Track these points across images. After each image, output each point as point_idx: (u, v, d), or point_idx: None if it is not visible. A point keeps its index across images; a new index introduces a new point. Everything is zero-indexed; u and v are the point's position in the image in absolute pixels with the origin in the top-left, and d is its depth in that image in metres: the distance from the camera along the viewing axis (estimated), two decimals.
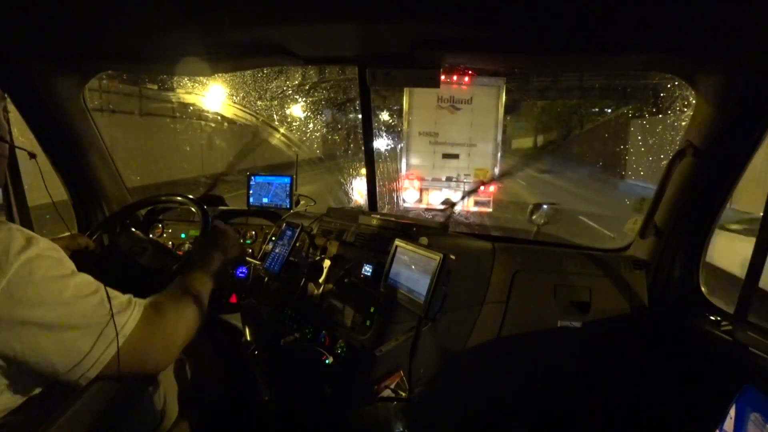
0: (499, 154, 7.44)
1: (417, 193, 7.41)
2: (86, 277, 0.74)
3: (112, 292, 0.76)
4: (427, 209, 7.24)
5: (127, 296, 0.79)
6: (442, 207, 7.13)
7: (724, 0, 0.84)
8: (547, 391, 1.62)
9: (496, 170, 7.40)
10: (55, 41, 1.28)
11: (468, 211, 7.17)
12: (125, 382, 0.85)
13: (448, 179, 7.37)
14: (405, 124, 7.46)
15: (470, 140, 7.33)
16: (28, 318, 0.64)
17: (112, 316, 0.71)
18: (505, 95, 7.20)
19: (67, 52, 1.40)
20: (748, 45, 1.03)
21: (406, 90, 7.31)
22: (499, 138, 7.41)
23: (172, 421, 1.11)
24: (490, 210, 7.35)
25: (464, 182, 7.36)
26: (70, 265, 0.73)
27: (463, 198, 7.23)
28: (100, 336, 0.70)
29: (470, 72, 6.88)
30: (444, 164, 7.41)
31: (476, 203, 7.28)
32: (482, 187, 7.14)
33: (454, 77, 7.00)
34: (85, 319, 0.69)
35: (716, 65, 1.15)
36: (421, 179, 7.42)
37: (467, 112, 7.25)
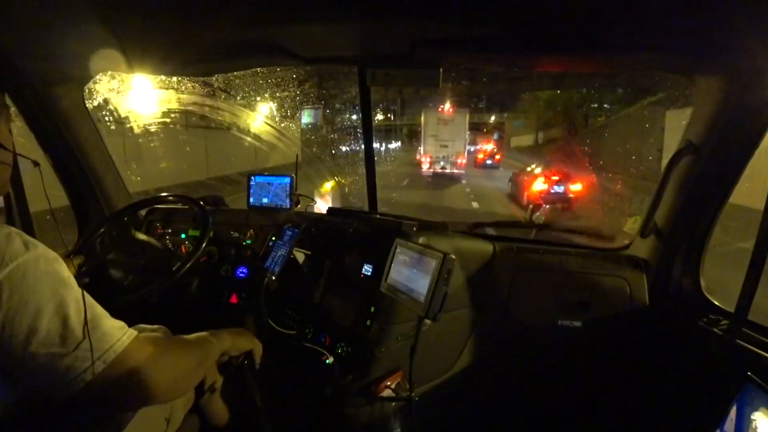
0: (466, 145, 17.33)
1: (428, 164, 16.37)
2: (78, 294, 0.70)
3: (103, 317, 0.72)
4: (434, 173, 16.01)
5: (119, 323, 0.74)
6: (441, 170, 16.00)
7: (724, 0, 0.84)
8: (548, 391, 1.61)
9: (465, 152, 16.82)
10: (55, 42, 1.28)
11: (452, 172, 16.20)
12: None
13: (444, 157, 16.24)
14: (422, 131, 16.69)
15: (453, 138, 16.31)
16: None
17: (90, 339, 0.67)
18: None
19: (66, 52, 1.39)
20: (747, 45, 1.03)
21: (422, 114, 16.89)
22: (467, 137, 17.29)
23: (176, 426, 1.11)
24: (464, 172, 16.61)
25: (451, 158, 16.24)
26: (66, 275, 0.70)
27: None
28: (75, 357, 0.65)
29: (453, 105, 16.99)
30: (441, 150, 16.31)
31: (457, 168, 16.33)
32: (459, 161, 16.35)
33: (443, 108, 16.76)
34: (64, 335, 0.65)
35: (716, 65, 1.15)
36: (431, 157, 16.41)
37: (451, 125, 16.46)
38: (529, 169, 11.79)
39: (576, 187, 9.50)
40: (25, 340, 0.62)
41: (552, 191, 9.05)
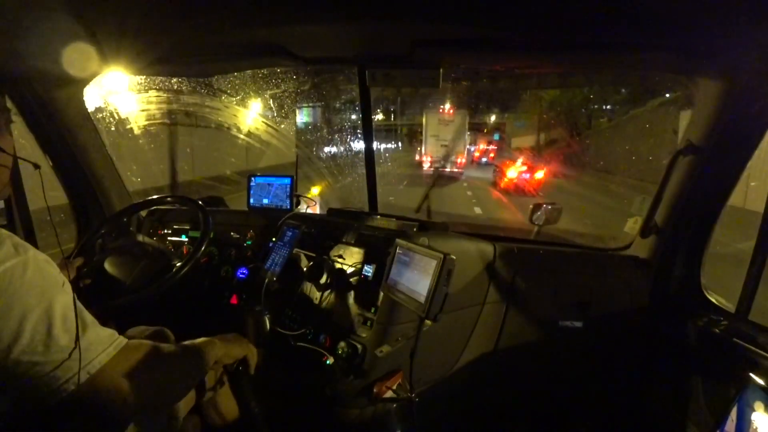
0: (466, 145, 18.78)
1: (429, 163, 17.08)
2: (67, 299, 0.68)
3: (92, 324, 0.70)
4: (434, 170, 16.39)
5: (108, 332, 0.73)
6: (441, 169, 16.30)
7: (724, 0, 0.84)
8: (548, 391, 1.61)
9: (465, 152, 17.86)
10: (54, 42, 1.28)
11: (452, 171, 16.54)
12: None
13: (444, 157, 16.89)
14: (424, 131, 17.37)
15: (453, 139, 17.00)
16: None
17: (79, 348, 0.65)
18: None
19: (64, 54, 1.39)
20: (748, 45, 1.03)
21: (424, 115, 17.63)
22: (467, 138, 18.51)
23: (178, 426, 1.10)
24: (463, 171, 17.05)
25: (451, 157, 16.79)
26: (56, 280, 0.69)
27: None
28: (58, 366, 0.64)
29: (453, 106, 17.62)
30: (441, 150, 17.04)
31: (457, 167, 16.81)
32: (459, 161, 16.98)
33: (444, 109, 17.30)
34: (48, 343, 0.64)
35: (716, 65, 1.15)
36: (431, 157, 17.14)
37: (452, 125, 17.20)
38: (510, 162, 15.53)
39: (539, 175, 13.60)
40: (8, 347, 0.61)
41: (521, 177, 13.26)
